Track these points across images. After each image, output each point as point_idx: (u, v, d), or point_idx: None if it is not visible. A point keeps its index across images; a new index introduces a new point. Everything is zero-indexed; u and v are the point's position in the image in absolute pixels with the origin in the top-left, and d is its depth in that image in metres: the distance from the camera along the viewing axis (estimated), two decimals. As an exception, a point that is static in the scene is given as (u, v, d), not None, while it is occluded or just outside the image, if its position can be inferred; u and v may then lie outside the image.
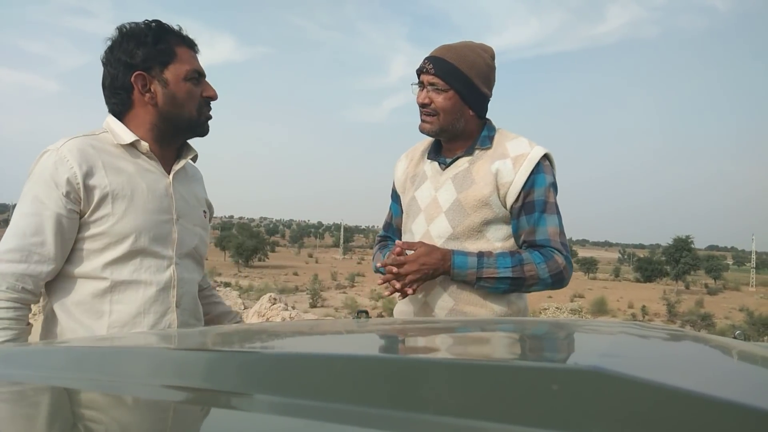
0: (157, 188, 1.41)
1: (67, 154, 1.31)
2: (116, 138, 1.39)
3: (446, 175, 1.72)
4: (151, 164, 1.43)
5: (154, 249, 1.39)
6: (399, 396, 0.40)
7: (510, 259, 1.59)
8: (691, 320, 41.61)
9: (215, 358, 0.53)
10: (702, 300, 58.11)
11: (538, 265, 1.58)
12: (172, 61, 1.39)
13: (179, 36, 1.42)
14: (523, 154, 1.64)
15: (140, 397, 0.49)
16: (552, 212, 1.64)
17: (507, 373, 0.39)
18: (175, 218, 1.44)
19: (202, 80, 1.45)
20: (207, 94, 1.45)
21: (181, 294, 1.44)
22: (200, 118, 1.45)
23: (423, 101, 1.64)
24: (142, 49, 1.35)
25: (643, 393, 0.34)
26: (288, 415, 0.42)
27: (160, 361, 0.56)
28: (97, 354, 0.64)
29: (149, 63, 1.37)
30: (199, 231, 1.53)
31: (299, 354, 0.56)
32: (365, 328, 0.88)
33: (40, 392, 0.54)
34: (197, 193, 1.57)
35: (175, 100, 1.40)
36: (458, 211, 1.65)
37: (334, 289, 61.83)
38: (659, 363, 0.53)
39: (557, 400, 0.35)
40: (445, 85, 1.62)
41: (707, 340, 0.74)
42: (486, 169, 1.65)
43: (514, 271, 1.57)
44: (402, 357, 0.54)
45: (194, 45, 1.46)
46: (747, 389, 0.44)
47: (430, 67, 1.62)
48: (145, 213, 1.38)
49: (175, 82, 1.39)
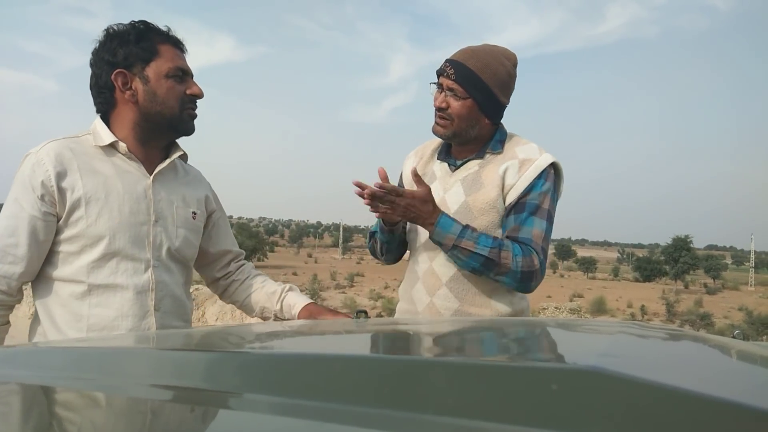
0: (134, 190, 1.40)
1: (44, 157, 1.33)
2: (96, 140, 1.39)
3: (456, 177, 1.71)
4: (131, 165, 1.42)
5: (130, 251, 1.39)
6: (398, 396, 0.40)
7: (492, 240, 1.59)
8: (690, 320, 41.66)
9: (214, 359, 0.53)
10: (701, 299, 58.16)
11: (515, 257, 1.56)
12: (153, 58, 1.38)
13: (164, 35, 1.42)
14: (531, 160, 1.64)
15: (138, 397, 0.49)
16: (542, 217, 1.62)
17: (506, 373, 0.39)
18: (153, 220, 1.43)
19: (187, 78, 1.44)
20: (191, 92, 1.44)
21: (160, 297, 1.43)
22: (182, 114, 1.43)
23: (440, 105, 1.62)
24: (124, 48, 1.36)
25: (642, 393, 0.34)
26: (287, 415, 0.41)
27: (158, 361, 0.56)
28: (95, 354, 0.64)
29: (131, 60, 1.37)
30: (183, 232, 1.50)
31: (298, 354, 0.56)
32: (364, 328, 0.87)
33: (38, 393, 0.54)
34: (186, 194, 1.54)
35: (156, 97, 1.39)
36: (466, 214, 1.65)
37: (334, 289, 61.84)
38: (658, 363, 0.53)
39: (557, 400, 0.35)
40: (464, 93, 1.60)
41: (706, 340, 0.74)
42: (494, 173, 1.65)
43: (491, 252, 1.56)
44: (401, 357, 0.54)
45: (180, 44, 1.46)
46: (746, 389, 0.44)
47: (451, 72, 1.60)
48: (120, 215, 1.37)
49: (156, 79, 1.39)
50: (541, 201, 1.63)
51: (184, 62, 1.44)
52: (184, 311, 1.54)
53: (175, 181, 1.52)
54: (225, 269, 1.71)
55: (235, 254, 1.73)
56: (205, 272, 1.69)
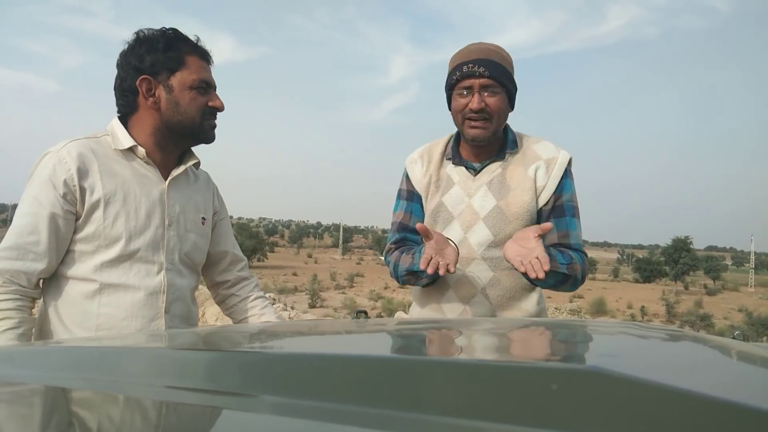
0: (150, 193, 1.43)
1: (66, 156, 1.34)
2: (115, 142, 1.41)
3: (479, 180, 1.69)
4: (148, 170, 1.44)
5: (145, 254, 1.40)
6: (398, 396, 0.40)
7: (562, 256, 1.60)
8: (690, 321, 41.64)
9: (215, 358, 0.53)
10: (701, 300, 58.16)
11: (582, 265, 1.62)
12: (179, 68, 1.40)
13: (192, 46, 1.44)
14: (554, 158, 1.66)
15: (139, 397, 0.49)
16: (578, 217, 1.67)
17: (506, 373, 0.39)
18: (167, 224, 1.45)
19: (210, 91, 1.47)
20: (213, 104, 1.46)
21: (171, 300, 1.44)
22: (202, 124, 1.46)
23: (479, 106, 1.57)
24: (151, 55, 1.38)
25: (642, 393, 0.34)
26: (287, 415, 0.41)
27: (159, 361, 0.56)
28: (96, 354, 0.64)
29: (157, 68, 1.39)
30: (194, 237, 1.53)
31: (298, 354, 0.56)
32: (364, 328, 0.87)
33: (39, 392, 0.54)
34: (197, 200, 1.57)
35: (178, 107, 1.41)
36: (499, 219, 1.64)
37: (333, 290, 61.83)
38: (659, 363, 0.53)
39: (557, 401, 0.35)
40: (499, 87, 1.59)
41: (706, 341, 0.74)
42: (521, 174, 1.65)
43: (568, 268, 1.58)
44: (401, 357, 0.54)
45: (208, 56, 1.47)
46: (746, 389, 0.44)
47: (482, 70, 1.56)
48: (137, 218, 1.39)
49: (180, 89, 1.41)
50: (575, 201, 1.67)
51: (209, 75, 1.46)
52: (191, 316, 1.55)
53: (188, 186, 1.55)
54: (225, 275, 1.70)
55: (234, 257, 1.72)
56: (206, 274, 1.70)
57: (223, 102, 1.49)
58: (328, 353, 0.56)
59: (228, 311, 1.73)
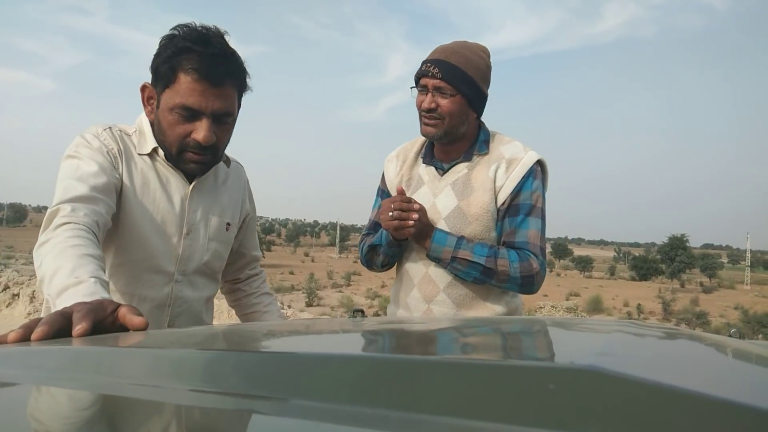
0: (172, 199, 1.35)
1: (109, 139, 1.30)
2: (140, 143, 1.34)
3: (445, 180, 1.70)
4: (172, 173, 1.36)
5: (156, 263, 1.34)
6: (394, 395, 0.40)
7: (487, 249, 1.61)
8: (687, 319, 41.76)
9: (212, 358, 0.53)
10: (697, 298, 58.34)
11: (512, 263, 1.58)
12: (170, 85, 1.24)
13: (199, 63, 1.22)
14: (517, 159, 1.64)
15: (137, 398, 0.49)
16: (536, 216, 1.63)
17: (503, 372, 0.39)
18: (185, 232, 1.37)
19: (200, 118, 1.25)
20: (194, 137, 1.26)
21: (176, 313, 1.38)
22: (181, 156, 1.30)
23: (429, 106, 1.61)
24: (156, 61, 1.26)
25: (639, 392, 0.34)
26: (284, 415, 0.41)
27: (154, 361, 0.55)
28: (94, 354, 0.63)
29: (156, 78, 1.28)
30: (214, 246, 1.44)
31: (295, 353, 0.56)
32: (361, 327, 0.87)
33: (34, 392, 0.53)
34: (223, 204, 1.47)
35: (160, 126, 1.30)
36: (459, 219, 1.65)
37: (330, 288, 61.81)
38: (655, 362, 0.53)
39: (553, 400, 0.35)
40: (453, 89, 1.59)
41: (703, 339, 0.75)
42: (484, 176, 1.65)
43: (488, 260, 1.58)
44: (397, 356, 0.53)
45: (218, 79, 1.24)
46: (743, 388, 0.44)
47: (435, 71, 1.58)
48: (153, 224, 1.32)
49: (163, 108, 1.27)
50: (534, 200, 1.63)
51: (203, 100, 1.23)
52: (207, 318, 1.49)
53: (214, 189, 1.44)
54: (238, 273, 1.68)
55: (252, 258, 1.70)
56: None
57: (212, 135, 1.26)
58: (325, 353, 0.56)
59: (233, 303, 1.72)
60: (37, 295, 8.69)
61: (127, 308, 0.85)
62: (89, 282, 0.97)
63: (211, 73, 1.22)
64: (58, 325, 0.78)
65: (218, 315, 7.84)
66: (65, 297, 0.93)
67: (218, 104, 1.25)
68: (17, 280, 9.61)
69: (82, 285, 0.96)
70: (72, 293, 0.93)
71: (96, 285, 0.97)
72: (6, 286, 9.53)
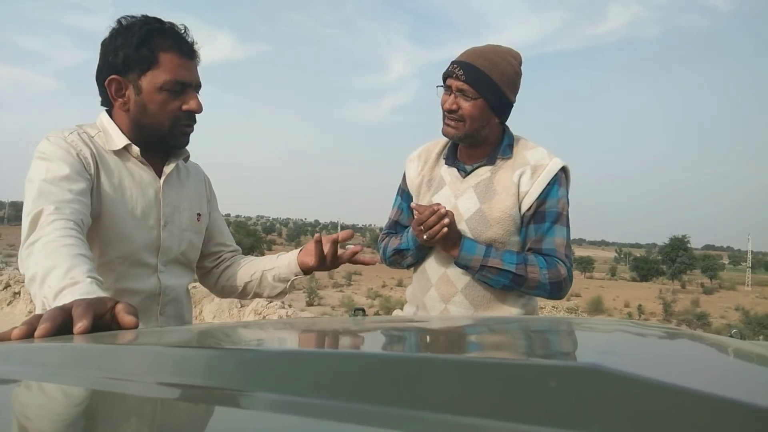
0: (146, 194, 1.38)
1: (78, 142, 1.30)
2: (108, 142, 1.36)
3: (467, 183, 1.70)
4: (143, 168, 1.39)
5: (139, 256, 1.36)
6: (396, 393, 0.40)
7: (516, 256, 1.62)
8: (687, 319, 41.72)
9: (213, 355, 0.53)
10: (698, 299, 58.29)
11: (541, 270, 1.59)
12: (151, 68, 1.29)
13: (170, 41, 1.31)
14: (542, 165, 1.65)
15: (137, 395, 0.49)
16: (562, 224, 1.64)
17: (505, 370, 0.39)
18: (162, 224, 1.41)
19: (187, 91, 1.34)
20: (187, 107, 1.35)
21: (166, 301, 1.42)
22: (172, 131, 1.36)
23: (451, 107, 1.61)
24: (124, 50, 1.29)
25: (640, 390, 0.34)
26: (284, 412, 0.42)
27: (156, 358, 0.56)
28: (94, 351, 0.63)
29: (128, 65, 1.30)
30: (189, 236, 1.49)
31: (295, 351, 0.56)
32: (362, 325, 0.88)
33: (36, 390, 0.53)
34: (191, 196, 1.52)
35: (146, 110, 1.32)
36: (480, 222, 1.65)
37: (331, 288, 61.84)
38: (657, 361, 0.53)
39: (555, 398, 0.35)
40: (475, 93, 1.59)
41: (704, 339, 0.75)
42: (508, 180, 1.65)
43: (518, 268, 1.59)
44: (399, 354, 0.54)
45: (191, 52, 1.35)
46: (744, 387, 0.44)
47: (460, 73, 1.58)
48: (133, 219, 1.35)
49: (149, 91, 1.31)
50: (560, 208, 1.64)
51: (188, 73, 1.33)
52: (186, 314, 1.53)
53: (180, 182, 1.50)
54: (217, 260, 1.67)
55: (229, 249, 1.69)
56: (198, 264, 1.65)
57: (201, 103, 1.35)
58: (326, 350, 0.56)
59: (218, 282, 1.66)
60: (38, 293, 8.70)
61: (122, 305, 0.87)
62: (86, 282, 0.98)
63: (187, 49, 1.33)
64: (60, 320, 0.79)
65: (219, 314, 7.85)
66: (62, 297, 0.95)
67: (197, 76, 1.36)
68: (18, 278, 9.63)
69: (78, 285, 0.97)
70: (68, 294, 0.95)
71: (92, 285, 0.99)
72: (7, 284, 9.56)
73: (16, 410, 0.47)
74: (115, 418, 0.45)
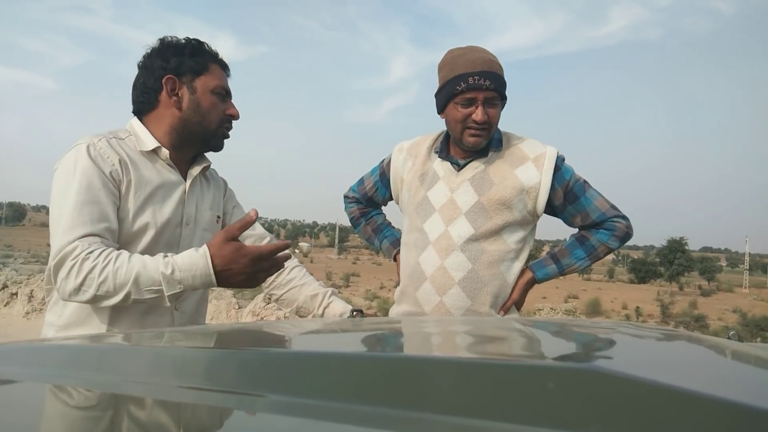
0: (173, 195, 1.47)
1: (106, 149, 1.38)
2: (139, 144, 1.44)
3: (462, 176, 1.72)
4: (171, 171, 1.48)
5: (160, 252, 1.38)
6: (395, 394, 0.40)
7: (581, 249, 1.76)
8: (685, 321, 41.73)
9: (213, 357, 0.53)
10: (696, 301, 58.30)
11: (607, 241, 1.73)
12: (203, 72, 1.47)
13: (214, 56, 1.52)
14: (541, 154, 1.70)
15: (139, 396, 0.49)
16: (590, 188, 1.74)
17: (504, 371, 0.39)
18: (185, 223, 1.49)
19: (228, 99, 1.53)
20: (230, 112, 1.53)
21: (183, 297, 1.46)
22: (218, 131, 1.52)
23: (484, 119, 1.62)
24: (177, 57, 1.45)
25: (639, 392, 0.34)
26: (286, 414, 0.42)
27: (158, 359, 0.56)
28: (94, 351, 0.64)
29: (182, 70, 1.45)
30: (208, 236, 1.55)
31: (297, 353, 0.56)
32: (360, 327, 0.88)
33: (36, 390, 0.54)
34: (212, 199, 1.61)
35: (199, 108, 1.47)
36: (480, 213, 1.67)
37: (329, 289, 61.37)
38: (655, 362, 0.54)
39: (555, 399, 0.35)
40: (499, 97, 1.65)
41: (702, 341, 0.75)
42: (505, 171, 1.69)
43: (590, 258, 1.75)
44: (398, 355, 0.54)
45: (227, 67, 1.55)
46: (742, 388, 0.44)
47: (488, 84, 1.61)
48: (162, 217, 1.43)
49: (202, 91, 1.47)
50: (579, 178, 1.74)
51: (228, 84, 1.53)
52: (200, 314, 1.60)
53: (203, 185, 1.60)
54: None
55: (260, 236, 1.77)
56: None
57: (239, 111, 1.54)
58: (326, 352, 0.56)
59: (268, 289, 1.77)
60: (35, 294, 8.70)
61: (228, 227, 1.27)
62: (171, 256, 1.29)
63: (226, 66, 1.55)
64: None
65: (217, 315, 7.83)
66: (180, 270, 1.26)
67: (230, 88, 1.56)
68: (16, 279, 9.60)
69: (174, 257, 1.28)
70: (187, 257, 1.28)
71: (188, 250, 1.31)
72: (4, 285, 9.53)
73: (16, 410, 0.48)
74: (115, 419, 0.45)
